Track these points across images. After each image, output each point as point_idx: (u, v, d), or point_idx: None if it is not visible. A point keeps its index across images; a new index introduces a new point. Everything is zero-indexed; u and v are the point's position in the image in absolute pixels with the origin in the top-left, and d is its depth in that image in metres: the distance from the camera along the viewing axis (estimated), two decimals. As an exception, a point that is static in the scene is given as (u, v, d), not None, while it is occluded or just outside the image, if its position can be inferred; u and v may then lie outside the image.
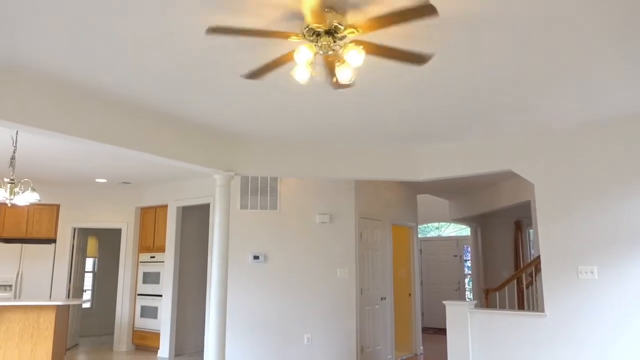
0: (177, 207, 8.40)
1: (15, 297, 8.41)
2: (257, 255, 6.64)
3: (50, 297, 8.54)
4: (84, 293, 9.57)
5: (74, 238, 8.85)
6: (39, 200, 5.32)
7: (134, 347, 8.70)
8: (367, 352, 6.89)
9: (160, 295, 8.36)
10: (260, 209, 6.79)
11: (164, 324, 8.12)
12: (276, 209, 6.81)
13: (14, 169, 5.00)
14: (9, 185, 4.93)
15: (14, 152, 5.01)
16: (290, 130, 5.21)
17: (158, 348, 8.21)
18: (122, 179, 8.19)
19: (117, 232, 10.99)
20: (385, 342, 7.31)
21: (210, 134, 5.29)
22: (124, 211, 8.99)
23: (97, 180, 8.21)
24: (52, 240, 8.87)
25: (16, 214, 8.70)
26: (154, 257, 8.63)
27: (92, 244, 10.76)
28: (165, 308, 8.15)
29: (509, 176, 7.90)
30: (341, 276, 6.76)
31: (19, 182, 5.00)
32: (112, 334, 10.35)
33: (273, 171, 5.69)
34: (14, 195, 4.97)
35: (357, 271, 6.84)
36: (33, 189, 5.05)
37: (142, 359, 7.74)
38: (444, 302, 5.45)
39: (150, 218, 8.87)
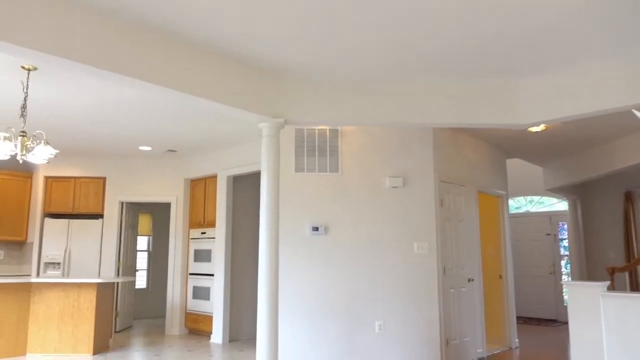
0: (227, 177, 7.49)
1: (63, 275, 7.88)
2: (316, 226, 5.57)
3: (99, 275, 7.95)
4: (136, 272, 8.96)
5: (121, 213, 8.19)
6: (83, 175, 4.49)
7: (187, 330, 7.96)
8: (453, 345, 5.66)
9: (213, 275, 7.52)
10: (318, 171, 5.70)
11: (216, 307, 7.27)
12: (337, 171, 5.69)
13: (25, 119, 4.19)
14: (20, 137, 4.13)
15: (25, 99, 4.20)
16: (352, 65, 4.05)
17: (211, 332, 7.40)
18: (167, 146, 7.37)
19: (168, 208, 10.34)
20: (474, 332, 6.04)
21: (253, 70, 4.24)
22: (172, 184, 8.22)
23: (141, 148, 7.45)
24: (99, 216, 8.26)
25: (62, 189, 8.16)
26: (204, 233, 7.81)
27: (146, 221, 10.17)
28: (218, 289, 7.30)
29: (625, 131, 6.32)
30: (419, 252, 5.55)
31: (32, 135, 4.18)
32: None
33: (332, 118, 4.56)
34: (26, 150, 4.16)
35: (439, 246, 5.61)
36: (47, 142, 4.23)
37: (194, 344, 6.94)
38: (563, 282, 4.13)
39: (199, 190, 8.04)
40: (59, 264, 7.97)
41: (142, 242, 10.15)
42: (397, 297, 5.48)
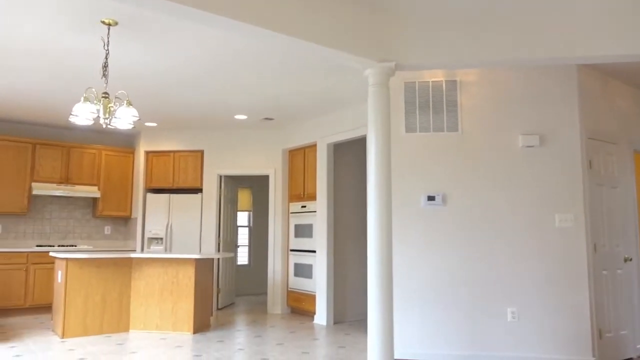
0: (327, 145, 6.84)
1: (166, 251, 7.78)
2: (432, 195, 4.74)
3: (199, 251, 7.75)
4: (237, 248, 8.70)
5: (220, 187, 7.90)
6: (184, 148, 4.09)
7: (290, 309, 7.53)
8: (608, 338, 4.59)
9: (314, 252, 6.97)
10: (433, 131, 4.83)
11: (319, 286, 6.73)
12: (457, 130, 4.78)
13: (107, 79, 3.79)
14: (102, 99, 3.74)
15: (106, 57, 3.79)
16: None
17: (314, 313, 6.88)
18: (263, 114, 6.87)
19: (267, 182, 9.98)
20: (634, 324, 4.90)
21: (363, 7, 3.47)
22: (270, 155, 7.75)
23: (237, 117, 7.02)
24: (198, 190, 8.04)
25: (163, 163, 8.02)
26: (305, 206, 7.26)
27: (245, 197, 9.91)
28: (320, 266, 6.74)
29: None
30: (562, 225, 4.52)
31: (114, 97, 3.77)
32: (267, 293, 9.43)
33: (452, 60, 3.67)
34: (109, 113, 3.77)
35: (587, 218, 4.53)
36: (129, 103, 3.80)
37: (297, 325, 6.46)
38: None
39: (299, 161, 7.49)
40: (161, 239, 7.88)
41: (243, 218, 9.91)
42: (535, 280, 4.51)
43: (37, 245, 7.36)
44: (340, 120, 6.62)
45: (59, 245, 7.51)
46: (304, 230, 7.25)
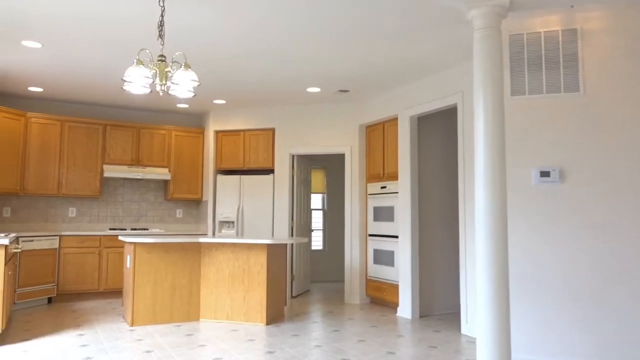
0: (410, 118, 6.09)
1: (237, 235, 7.41)
2: (546, 170, 3.90)
3: (272, 235, 7.30)
4: (311, 233, 8.20)
5: (292, 167, 7.38)
6: (255, 127, 3.58)
7: (369, 299, 6.92)
8: None
9: (397, 237, 6.29)
10: (547, 92, 3.97)
11: (402, 274, 6.05)
12: (577, 90, 3.89)
13: (163, 40, 3.30)
14: (158, 62, 3.25)
15: (162, 14, 3.29)
16: None
17: (397, 304, 6.23)
18: (338, 85, 6.22)
19: (343, 161, 9.36)
20: None
21: None
22: (345, 131, 7.11)
23: (309, 90, 6.42)
24: (269, 171, 7.58)
25: (233, 143, 7.62)
26: (385, 187, 6.58)
27: (319, 178, 9.36)
28: (403, 253, 6.05)
29: None
30: None
31: (172, 62, 3.27)
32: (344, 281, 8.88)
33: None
34: (166, 79, 3.28)
35: None
36: (187, 66, 3.28)
37: (378, 318, 5.84)
38: None
39: (377, 137, 6.80)
40: (232, 222, 7.51)
41: (316, 201, 9.38)
42: (686, 275, 3.57)
43: (110, 229, 7.22)
44: (425, 89, 5.84)
45: (131, 229, 7.34)
46: (384, 214, 6.58)
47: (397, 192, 6.31)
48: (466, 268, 5.17)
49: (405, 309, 5.95)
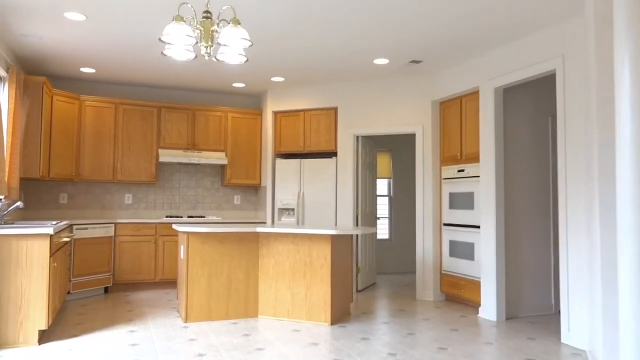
0: (495, 90, 5.27)
1: (298, 223, 6.88)
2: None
3: (335, 224, 6.71)
4: (377, 221, 7.54)
5: (357, 150, 6.74)
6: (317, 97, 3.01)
7: (444, 296, 6.21)
8: None
9: (477, 227, 5.53)
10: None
11: (485, 270, 5.29)
12: None
13: (208, -8, 2.73)
14: (202, 20, 2.69)
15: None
16: None
17: (479, 303, 5.49)
18: (409, 55, 5.49)
19: (412, 144, 8.62)
20: None
21: None
22: (416, 109, 6.37)
23: (376, 61, 5.73)
24: (331, 154, 6.97)
25: (292, 124, 7.07)
26: (462, 170, 5.81)
27: (384, 161, 8.66)
28: (486, 246, 5.29)
29: None
30: None
31: (220, 21, 2.70)
32: (414, 272, 8.18)
33: None
34: (212, 40, 2.72)
35: None
36: (236, 22, 2.70)
37: (457, 319, 5.15)
38: None
39: (453, 114, 6.01)
40: (292, 210, 6.98)
41: (382, 186, 8.70)
42: None
43: (167, 216, 6.89)
44: (513, 56, 5.00)
45: (188, 216, 6.98)
46: (461, 201, 5.82)
47: (477, 176, 5.53)
48: (568, 265, 4.35)
49: (488, 309, 5.21)
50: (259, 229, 4.93)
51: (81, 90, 6.85)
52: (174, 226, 5.10)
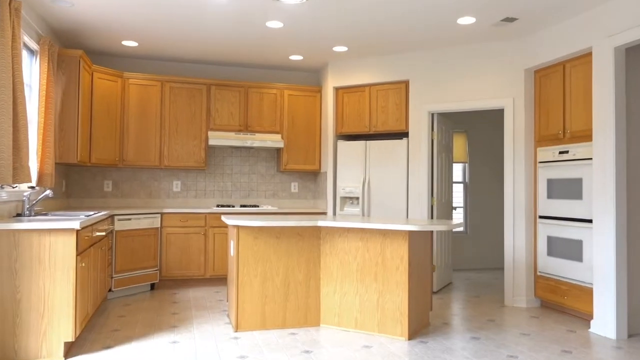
0: (615, 50, 4.18)
1: (363, 214, 6.04)
2: None
3: (406, 216, 5.83)
4: (453, 212, 6.58)
5: (432, 130, 5.80)
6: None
7: (539, 302, 5.21)
8: None
9: (587, 221, 4.49)
10: None
11: (599, 274, 4.26)
12: None
13: None
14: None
15: None
16: None
17: (589, 314, 4.47)
18: (502, 12, 4.48)
19: (492, 123, 7.56)
20: None
21: None
22: (505, 79, 5.34)
23: (460, 21, 4.76)
24: (402, 135, 6.06)
25: (356, 101, 6.21)
26: (566, 152, 4.76)
27: (459, 144, 7.64)
28: (602, 244, 4.24)
29: None
30: None
31: None
32: (493, 269, 7.16)
33: None
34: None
35: None
36: None
37: (564, 335, 4.17)
38: None
39: (554, 84, 4.95)
40: (356, 198, 6.15)
41: (456, 172, 7.70)
42: None
43: (218, 205, 6.24)
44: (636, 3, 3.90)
45: (240, 206, 6.30)
46: (564, 189, 4.78)
47: (588, 159, 4.47)
48: None
49: (604, 323, 4.18)
50: (321, 223, 4.13)
51: (123, 67, 6.28)
52: (223, 218, 4.40)
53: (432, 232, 4.52)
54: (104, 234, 4.42)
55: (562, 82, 4.84)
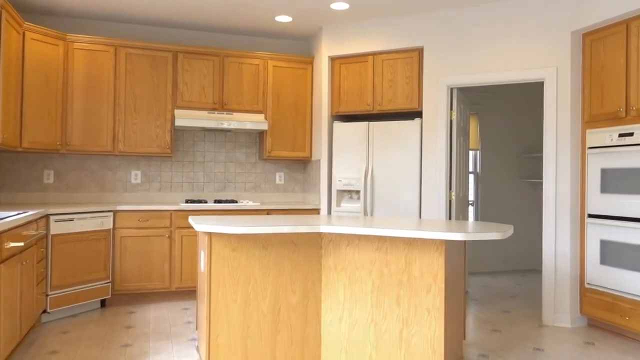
0: None
1: (365, 212, 4.97)
2: None
3: (419, 214, 4.77)
4: (469, 207, 5.56)
5: (451, 107, 4.74)
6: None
7: (586, 321, 4.22)
8: None
9: (664, 223, 3.49)
10: None
11: (686, 295, 3.26)
12: None
13: None
14: None
15: None
16: None
17: (664, 345, 3.49)
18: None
19: (508, 103, 6.57)
20: None
21: None
22: (546, 45, 4.29)
23: (501, -37, 3.68)
24: (414, 114, 4.99)
25: (356, 74, 5.10)
26: (630, 134, 3.75)
27: (471, 127, 6.61)
28: (691, 256, 3.24)
29: None
30: None
31: None
32: (507, 272, 6.15)
33: None
34: None
35: None
36: None
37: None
38: None
39: (611, 49, 3.91)
40: (357, 192, 5.07)
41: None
42: None
43: (187, 200, 5.09)
44: None
45: (215, 201, 5.16)
46: (627, 181, 3.77)
47: (666, 143, 3.47)
48: None
49: (691, 357, 3.20)
50: (324, 228, 3.02)
51: (67, 27, 5.05)
52: (191, 220, 3.27)
53: (465, 242, 3.46)
54: (29, 240, 3.24)
55: (624, 46, 3.81)
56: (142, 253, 4.63)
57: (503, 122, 6.67)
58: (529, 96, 6.79)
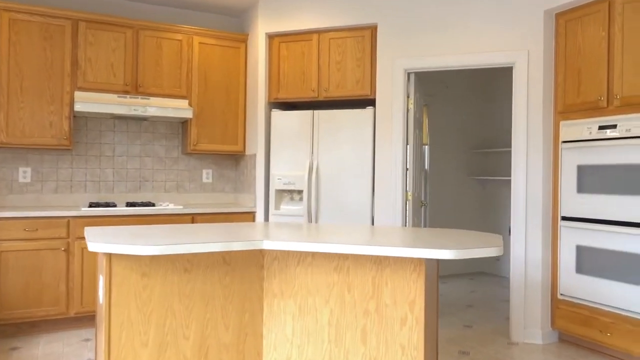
0: None
1: (309, 217, 4.26)
2: None
3: (371, 220, 4.13)
4: (423, 208, 5.01)
5: (408, 96, 4.13)
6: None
7: (557, 336, 3.77)
8: None
9: (635, 224, 3.08)
10: None
11: (685, 311, 2.84)
12: None
13: None
14: None
15: None
16: None
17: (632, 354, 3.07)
18: None
19: (458, 94, 6.14)
20: None
21: None
22: (516, 26, 3.78)
23: None
24: (366, 102, 4.35)
25: (299, 54, 4.38)
26: (612, 127, 3.31)
27: (419, 121, 6.10)
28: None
29: None
30: None
31: None
32: (458, 275, 5.68)
33: None
34: None
35: None
36: None
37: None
38: None
39: (588, 32, 3.44)
40: (299, 192, 4.36)
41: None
42: None
43: (91, 204, 4.14)
44: None
45: (127, 204, 4.25)
46: (605, 179, 3.33)
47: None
48: None
49: (690, 382, 2.78)
50: (267, 244, 2.27)
51: None
52: (86, 233, 2.42)
53: (438, 261, 2.84)
54: None
55: (607, 26, 3.36)
56: (29, 271, 3.65)
57: (453, 115, 6.21)
58: (483, 87, 6.38)
